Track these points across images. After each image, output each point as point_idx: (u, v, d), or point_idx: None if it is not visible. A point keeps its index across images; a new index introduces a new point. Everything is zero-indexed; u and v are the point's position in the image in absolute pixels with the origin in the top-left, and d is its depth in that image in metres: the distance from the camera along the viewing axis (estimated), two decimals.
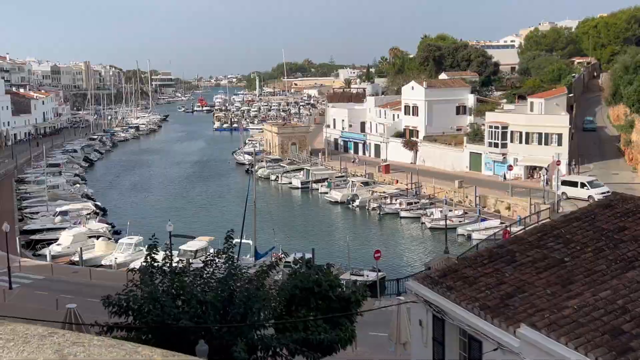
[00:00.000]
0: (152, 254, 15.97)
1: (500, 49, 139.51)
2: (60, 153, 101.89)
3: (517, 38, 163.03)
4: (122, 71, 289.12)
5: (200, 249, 44.69)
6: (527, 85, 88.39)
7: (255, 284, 15.60)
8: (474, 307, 13.84)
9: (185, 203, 72.08)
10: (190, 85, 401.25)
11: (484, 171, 69.78)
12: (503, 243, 16.98)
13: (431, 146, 78.70)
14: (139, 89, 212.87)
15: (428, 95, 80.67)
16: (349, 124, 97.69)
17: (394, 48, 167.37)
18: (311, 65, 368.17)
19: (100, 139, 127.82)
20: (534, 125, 64.31)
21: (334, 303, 18.48)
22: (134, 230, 49.81)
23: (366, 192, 67.95)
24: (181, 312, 14.37)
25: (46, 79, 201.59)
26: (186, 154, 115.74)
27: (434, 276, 16.08)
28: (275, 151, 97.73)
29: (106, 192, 78.58)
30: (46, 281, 37.99)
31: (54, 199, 63.63)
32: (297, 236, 52.82)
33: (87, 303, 31.01)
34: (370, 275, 38.44)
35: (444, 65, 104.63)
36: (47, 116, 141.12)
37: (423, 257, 48.01)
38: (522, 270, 15.01)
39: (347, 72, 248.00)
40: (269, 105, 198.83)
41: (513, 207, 55.87)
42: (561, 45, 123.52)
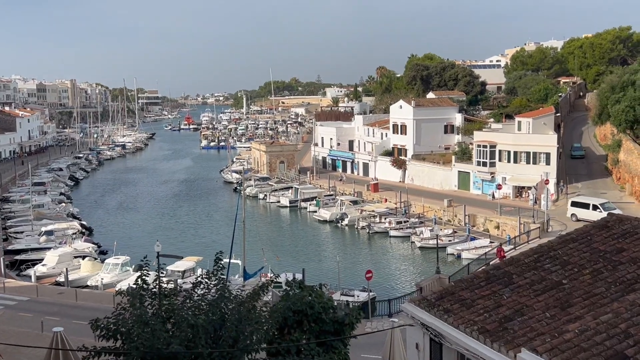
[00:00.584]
0: (143, 276, 15.51)
1: (486, 68, 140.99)
2: (46, 172, 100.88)
3: (502, 58, 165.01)
4: (108, 89, 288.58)
5: (188, 269, 44.16)
6: (514, 104, 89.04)
7: (247, 306, 15.23)
8: (473, 331, 13.59)
9: (173, 222, 71.40)
10: (177, 103, 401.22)
11: (473, 190, 69.90)
12: (499, 264, 16.74)
13: (420, 165, 78.82)
14: (125, 107, 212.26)
15: (416, 114, 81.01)
16: (337, 143, 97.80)
17: (381, 67, 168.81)
18: (298, 83, 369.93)
19: (86, 157, 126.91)
20: (522, 145, 64.62)
21: (327, 326, 18.10)
22: (120, 251, 49.13)
23: (355, 211, 67.73)
24: (171, 336, 13.94)
25: (32, 97, 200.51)
26: (173, 173, 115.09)
27: (431, 298, 15.82)
28: (263, 169, 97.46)
29: (92, 211, 77.72)
30: (31, 302, 37.21)
31: (39, 218, 62.78)
32: (286, 256, 52.36)
33: (74, 325, 30.36)
34: (360, 296, 38.11)
35: (431, 84, 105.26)
36: (33, 134, 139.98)
37: (414, 277, 47.72)
38: (519, 293, 14.81)
39: (334, 90, 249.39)
40: (256, 123, 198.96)
41: (502, 226, 55.88)
42: (547, 65, 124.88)
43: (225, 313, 14.62)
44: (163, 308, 14.65)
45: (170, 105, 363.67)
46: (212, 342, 14.20)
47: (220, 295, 15.00)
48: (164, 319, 14.51)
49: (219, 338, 14.38)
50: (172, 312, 14.53)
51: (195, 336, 13.92)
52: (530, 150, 63.79)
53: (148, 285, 15.26)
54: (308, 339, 17.04)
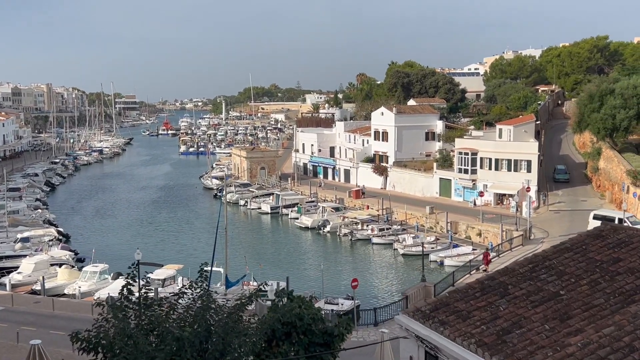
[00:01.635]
0: (129, 285, 14.87)
1: (465, 76, 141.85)
2: (21, 177, 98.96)
3: (481, 66, 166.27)
4: (85, 94, 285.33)
5: (169, 277, 43.31)
6: (494, 112, 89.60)
7: (234, 317, 14.71)
8: (471, 344, 13.22)
9: (152, 229, 70.30)
10: (155, 108, 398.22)
11: (454, 197, 69.98)
12: (494, 275, 16.43)
13: (401, 172, 78.78)
14: (102, 112, 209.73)
15: (398, 121, 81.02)
16: (318, 149, 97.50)
17: (362, 74, 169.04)
18: (278, 89, 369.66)
19: (63, 162, 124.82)
20: (503, 152, 64.86)
21: (317, 337, 17.67)
22: (98, 258, 48.07)
23: (337, 217, 67.36)
24: (156, 349, 13.36)
25: (6, 101, 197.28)
26: (151, 179, 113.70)
27: (425, 310, 15.43)
28: (243, 175, 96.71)
29: (69, 218, 76.26)
30: (6, 312, 36.12)
31: (15, 224, 61.38)
32: (268, 263, 51.75)
33: (51, 336, 29.49)
34: (345, 304, 37.68)
35: (412, 91, 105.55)
36: (7, 139, 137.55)
37: (397, 285, 47.42)
38: (516, 304, 14.50)
39: (314, 97, 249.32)
40: (235, 129, 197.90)
41: (484, 233, 55.90)
42: (526, 73, 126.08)
43: (211, 325, 14.12)
44: (146, 320, 14.09)
45: (148, 110, 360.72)
46: (197, 356, 13.69)
47: (205, 306, 14.48)
48: (147, 331, 13.96)
49: (204, 351, 13.89)
50: (155, 324, 13.98)
51: (181, 349, 13.42)
52: (512, 158, 64.03)
53: (132, 295, 14.69)
54: (297, 351, 16.59)
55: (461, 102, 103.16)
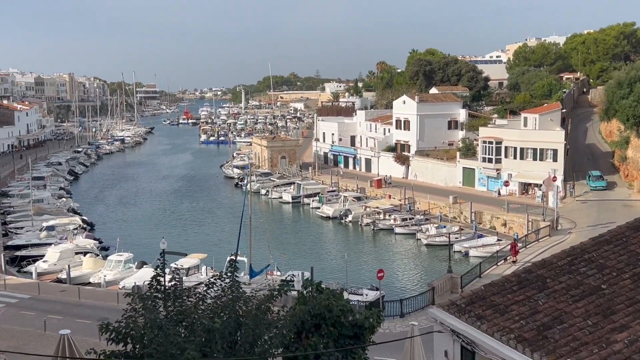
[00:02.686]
0: (158, 276, 14.59)
1: (487, 64, 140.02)
2: (45, 166, 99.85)
3: (503, 53, 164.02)
4: (106, 83, 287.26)
5: (193, 266, 43.34)
6: (518, 100, 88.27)
7: (263, 309, 14.43)
8: (510, 339, 12.82)
9: (175, 218, 70.51)
10: (175, 97, 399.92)
11: (477, 187, 69.17)
12: (530, 267, 15.96)
13: (423, 161, 78.05)
14: (124, 101, 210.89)
15: (420, 109, 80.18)
16: (339, 138, 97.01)
17: (382, 62, 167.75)
18: (297, 78, 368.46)
19: (85, 151, 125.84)
20: (528, 141, 63.89)
21: (346, 330, 17.36)
22: (123, 247, 48.26)
23: (359, 207, 66.96)
24: (186, 340, 13.10)
25: (30, 90, 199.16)
26: (173, 168, 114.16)
27: (461, 304, 15.04)
28: (264, 165, 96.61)
29: (92, 207, 76.79)
30: (33, 300, 36.39)
31: (40, 213, 61.83)
32: (291, 253, 51.56)
33: (77, 324, 29.65)
34: (369, 294, 37.35)
35: (434, 79, 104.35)
36: (31, 128, 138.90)
37: (422, 275, 46.98)
38: (556, 298, 14.05)
39: (333, 85, 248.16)
40: (255, 118, 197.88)
41: (509, 223, 55.14)
42: (550, 60, 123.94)
43: (240, 316, 13.86)
44: (174, 310, 13.88)
45: (168, 100, 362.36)
46: (227, 347, 13.43)
47: (235, 297, 14.23)
48: (176, 322, 13.75)
49: (234, 343, 13.62)
50: (184, 315, 13.76)
51: (211, 341, 13.15)
52: (537, 147, 63.05)
53: (162, 286, 14.46)
54: (326, 343, 16.32)
55: (484, 90, 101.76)
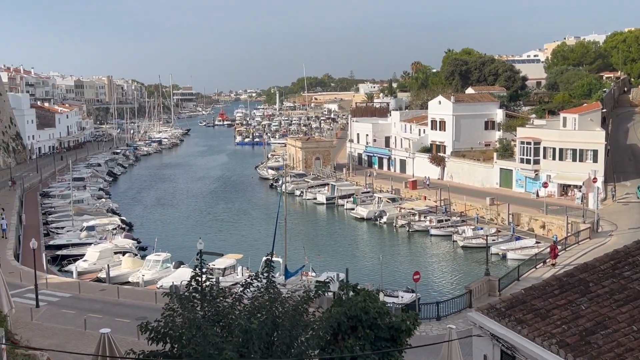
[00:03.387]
0: (197, 276, 14.74)
1: (524, 63, 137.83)
2: (85, 167, 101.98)
3: (541, 52, 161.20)
4: (144, 85, 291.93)
5: (229, 266, 43.67)
6: (557, 100, 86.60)
7: (300, 310, 14.43)
8: (552, 344, 12.58)
9: (211, 219, 71.22)
10: (211, 99, 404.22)
11: (515, 188, 68.12)
12: (572, 271, 15.63)
13: (459, 162, 77.22)
14: (161, 103, 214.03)
15: (456, 109, 79.39)
16: (373, 139, 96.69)
17: (417, 63, 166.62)
18: (331, 79, 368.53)
19: (124, 153, 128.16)
20: (567, 141, 62.65)
21: (383, 332, 17.25)
22: (160, 247, 48.92)
23: (393, 208, 66.59)
24: (224, 341, 13.18)
25: (70, 93, 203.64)
26: (209, 169, 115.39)
27: (500, 307, 14.84)
28: (298, 166, 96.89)
29: (130, 207, 78.11)
30: (73, 299, 37.12)
31: (80, 213, 63.07)
32: (325, 254, 51.53)
33: (116, 323, 30.15)
34: (405, 297, 37.07)
35: (470, 79, 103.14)
36: (71, 130, 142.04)
37: (458, 278, 46.42)
38: (599, 303, 13.75)
39: (367, 86, 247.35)
40: (289, 119, 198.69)
41: (548, 225, 54.12)
42: (589, 59, 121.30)
43: (277, 317, 13.88)
44: (212, 311, 13.99)
45: (204, 102, 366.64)
46: (264, 348, 13.46)
47: (272, 298, 14.27)
48: (214, 322, 13.85)
49: (271, 344, 13.65)
50: (221, 315, 13.84)
51: (249, 341, 13.20)
52: (577, 147, 61.79)
53: (200, 287, 14.60)
54: (363, 346, 16.24)
55: (522, 90, 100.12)
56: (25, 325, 30.35)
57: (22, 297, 35.60)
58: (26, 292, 36.91)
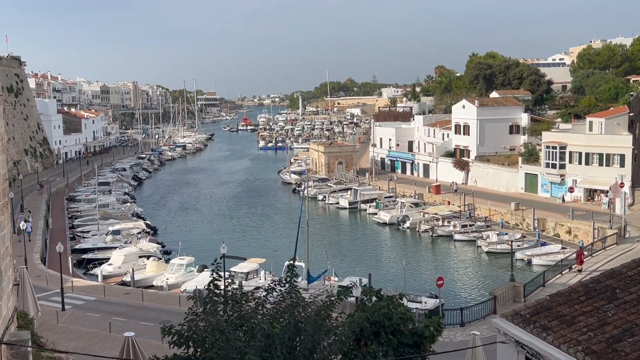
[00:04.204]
0: (215, 280, 14.78)
1: (550, 67, 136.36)
2: (110, 172, 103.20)
3: (566, 56, 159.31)
4: (168, 91, 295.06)
5: (252, 271, 43.84)
6: (583, 104, 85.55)
7: (322, 315, 14.38)
8: (578, 352, 12.40)
9: (234, 223, 71.57)
10: (234, 104, 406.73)
11: (540, 193, 67.34)
12: (599, 277, 15.38)
13: (484, 166, 76.59)
14: (185, 109, 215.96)
15: (480, 114, 78.81)
16: (396, 143, 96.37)
17: (440, 67, 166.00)
18: (354, 84, 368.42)
19: (149, 157, 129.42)
20: (594, 146, 61.79)
21: (406, 338, 17.13)
22: (184, 251, 49.28)
23: (416, 213, 66.25)
24: (247, 345, 13.19)
25: (96, 99, 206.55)
26: (232, 173, 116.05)
27: (525, 314, 14.65)
28: (321, 170, 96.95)
29: (155, 211, 78.85)
30: (98, 302, 37.57)
31: (105, 217, 63.83)
32: (348, 259, 51.48)
33: (141, 327, 30.42)
34: (428, 302, 36.85)
35: (494, 83, 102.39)
36: (97, 135, 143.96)
37: (483, 284, 46.01)
38: (626, 310, 13.52)
39: (390, 90, 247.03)
40: (312, 124, 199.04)
41: (574, 231, 53.38)
42: (616, 63, 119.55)
43: (299, 321, 13.86)
44: (235, 315, 14.02)
45: (227, 107, 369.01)
46: (287, 353, 13.45)
47: (295, 303, 14.25)
48: (236, 326, 13.87)
49: (294, 348, 13.62)
50: (243, 319, 13.86)
51: (271, 346, 13.19)
52: (603, 152, 60.90)
53: (220, 291, 14.63)
54: (386, 352, 16.14)
55: (547, 93, 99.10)
56: (51, 328, 30.79)
57: (49, 300, 36.11)
58: (52, 295, 37.42)
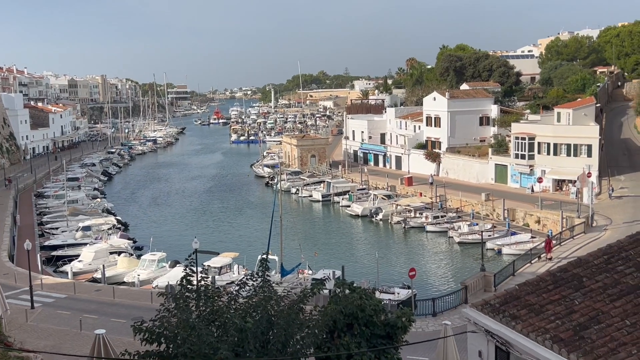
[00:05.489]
0: (188, 276, 14.74)
1: (518, 58, 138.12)
2: (79, 167, 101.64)
3: (535, 48, 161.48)
4: (138, 84, 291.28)
5: (225, 265, 43.65)
6: (551, 95, 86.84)
7: (295, 308, 14.44)
8: (546, 340, 12.59)
9: (206, 218, 71.10)
10: (206, 98, 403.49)
11: (510, 183, 68.27)
12: (566, 266, 15.65)
13: (454, 158, 77.31)
14: (155, 102, 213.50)
15: (451, 106, 79.46)
16: (368, 136, 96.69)
17: (411, 59, 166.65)
18: (326, 77, 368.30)
19: (119, 152, 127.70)
20: (562, 137, 62.79)
21: (379, 329, 17.29)
22: (156, 246, 48.83)
23: (389, 205, 66.64)
24: (219, 340, 13.19)
25: (63, 93, 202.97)
26: (204, 167, 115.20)
27: (495, 303, 14.83)
28: (294, 163, 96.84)
29: (126, 207, 77.93)
30: (68, 300, 37.04)
31: (75, 213, 62.88)
32: (321, 251, 51.54)
33: (112, 324, 30.10)
34: (401, 293, 37.13)
35: (465, 75, 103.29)
36: (65, 130, 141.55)
37: (454, 274, 46.53)
38: (593, 298, 13.76)
39: (362, 83, 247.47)
40: (284, 117, 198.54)
41: (543, 220, 54.26)
42: (583, 54, 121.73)
43: (272, 315, 13.89)
44: (207, 310, 13.98)
45: (199, 100, 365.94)
46: (260, 347, 13.46)
47: (267, 297, 14.28)
48: (209, 321, 13.84)
49: (267, 342, 13.65)
50: (216, 315, 13.84)
51: (244, 340, 13.20)
52: (571, 142, 61.95)
53: (193, 286, 14.58)
54: (359, 343, 16.27)
55: (516, 85, 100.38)
56: (20, 326, 30.29)
57: (17, 299, 35.49)
58: (21, 293, 36.78)
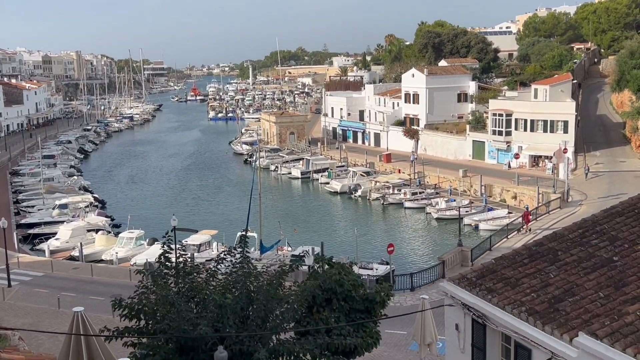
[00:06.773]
0: (166, 253, 14.71)
1: (497, 35, 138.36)
2: (55, 144, 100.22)
3: (513, 24, 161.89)
4: (114, 61, 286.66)
5: (204, 242, 43.58)
6: (528, 71, 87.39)
7: (274, 284, 14.50)
8: (521, 312, 12.82)
9: (185, 195, 70.74)
10: (183, 74, 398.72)
11: (488, 160, 68.84)
12: (542, 240, 15.87)
13: (433, 134, 77.63)
14: (131, 79, 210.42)
15: (429, 82, 79.50)
16: (347, 113, 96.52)
17: (390, 35, 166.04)
18: (304, 53, 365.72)
19: (95, 129, 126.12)
20: (539, 113, 63.31)
21: (357, 304, 17.51)
22: (134, 224, 48.53)
23: (367, 182, 66.88)
24: (198, 316, 13.24)
25: (37, 69, 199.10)
26: (182, 145, 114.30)
27: (471, 277, 15.03)
28: (273, 141, 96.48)
29: (103, 184, 77.21)
30: (46, 278, 36.80)
31: (51, 191, 62.10)
32: (301, 228, 51.67)
33: (91, 301, 30.00)
34: (379, 269, 37.45)
35: (443, 52, 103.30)
36: (40, 107, 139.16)
37: (432, 249, 47.04)
38: (567, 271, 14.00)
39: (341, 59, 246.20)
40: (263, 94, 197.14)
41: (520, 196, 54.94)
42: (560, 31, 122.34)
43: (252, 291, 13.94)
44: (186, 287, 14.00)
45: (176, 77, 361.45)
46: (239, 322, 13.53)
47: (246, 273, 14.31)
48: (188, 297, 13.87)
49: (246, 318, 13.72)
50: (195, 291, 13.86)
51: (223, 316, 13.26)
52: (548, 119, 62.50)
53: (171, 263, 14.57)
54: (337, 318, 16.43)
55: (494, 62, 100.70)
56: None
57: None
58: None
